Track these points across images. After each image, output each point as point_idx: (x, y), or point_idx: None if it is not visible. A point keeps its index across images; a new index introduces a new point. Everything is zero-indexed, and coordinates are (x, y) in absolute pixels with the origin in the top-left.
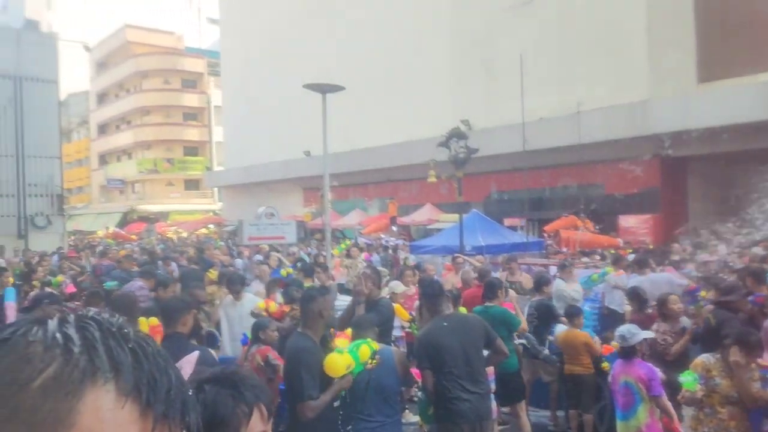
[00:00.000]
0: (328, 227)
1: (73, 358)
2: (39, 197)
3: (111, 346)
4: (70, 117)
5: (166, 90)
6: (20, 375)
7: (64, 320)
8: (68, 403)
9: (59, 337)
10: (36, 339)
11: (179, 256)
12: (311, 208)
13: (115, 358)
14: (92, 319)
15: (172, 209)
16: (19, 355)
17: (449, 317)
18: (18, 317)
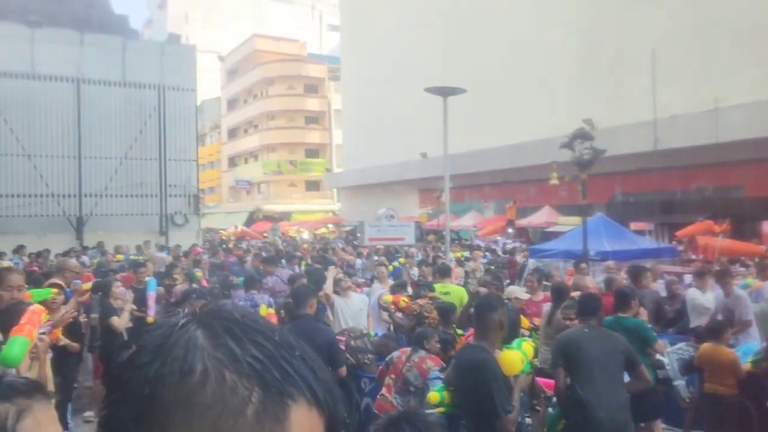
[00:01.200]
0: (447, 229)
1: (270, 381)
2: (178, 197)
3: (291, 362)
4: (204, 122)
5: (290, 95)
6: (231, 404)
7: (234, 335)
8: (280, 425)
9: (250, 361)
10: (228, 364)
11: (304, 254)
12: (427, 209)
13: (299, 373)
14: (256, 331)
15: (294, 209)
16: (221, 384)
17: (591, 326)
18: (167, 309)
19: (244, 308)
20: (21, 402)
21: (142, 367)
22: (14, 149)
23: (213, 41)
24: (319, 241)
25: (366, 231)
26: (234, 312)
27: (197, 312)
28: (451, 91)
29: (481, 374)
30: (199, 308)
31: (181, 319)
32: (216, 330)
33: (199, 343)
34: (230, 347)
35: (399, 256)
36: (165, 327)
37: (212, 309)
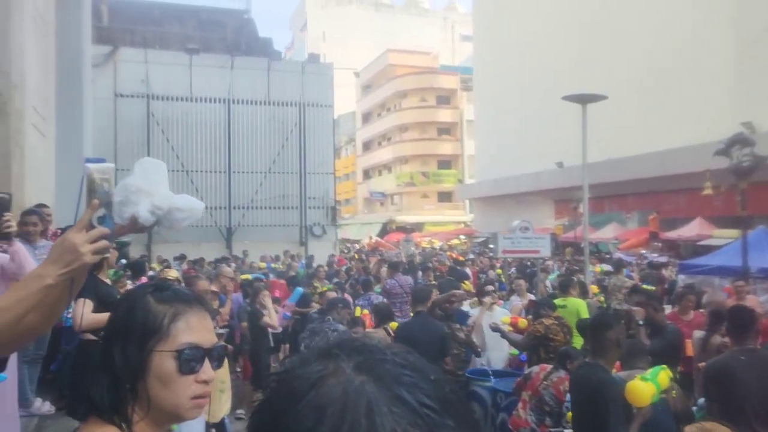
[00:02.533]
0: (586, 241)
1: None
2: (316, 209)
3: (454, 403)
4: (340, 135)
5: (423, 107)
6: None
7: (404, 383)
8: None
9: (427, 413)
10: (410, 419)
11: (438, 266)
12: (563, 221)
13: (464, 416)
14: (417, 371)
15: (426, 220)
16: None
17: (748, 352)
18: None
19: (387, 343)
20: (179, 306)
21: (321, 429)
22: (175, 165)
23: (349, 58)
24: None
25: (500, 243)
26: (385, 350)
27: (344, 349)
28: (590, 98)
29: (599, 395)
30: (345, 317)
31: (329, 362)
32: (385, 380)
33: (378, 398)
34: (407, 400)
35: (534, 269)
36: (318, 378)
37: (361, 346)
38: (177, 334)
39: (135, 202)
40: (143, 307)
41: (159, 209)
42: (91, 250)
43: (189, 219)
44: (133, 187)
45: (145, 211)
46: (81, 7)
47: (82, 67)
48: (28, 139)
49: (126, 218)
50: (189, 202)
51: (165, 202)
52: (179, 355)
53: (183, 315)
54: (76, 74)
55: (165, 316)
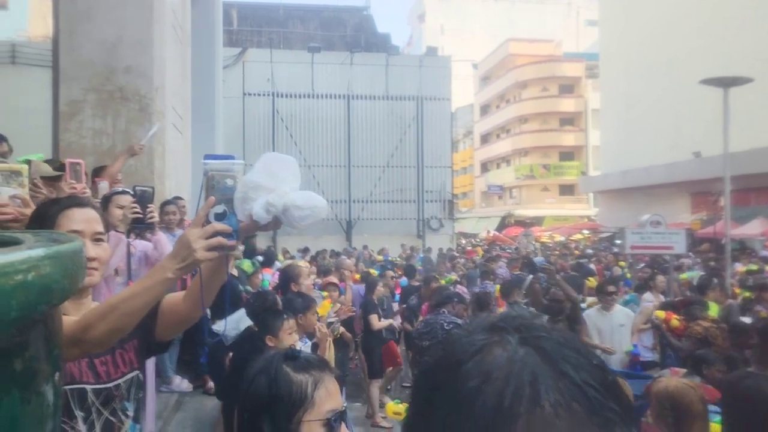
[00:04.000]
0: (728, 237)
1: (607, 413)
2: (433, 202)
3: (617, 392)
4: (457, 129)
5: (544, 97)
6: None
7: (569, 360)
8: None
9: (592, 393)
10: (576, 396)
11: (560, 262)
12: (701, 215)
13: (621, 404)
14: (579, 353)
15: (546, 214)
16: (572, 416)
17: None
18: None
19: (552, 325)
20: (316, 374)
21: (486, 391)
22: (298, 160)
23: (467, 50)
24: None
25: (627, 238)
26: (551, 330)
27: (509, 323)
28: (732, 81)
29: None
30: (461, 312)
31: (494, 334)
32: (550, 355)
33: (543, 370)
34: (572, 376)
35: (666, 266)
36: (484, 345)
37: (526, 323)
38: (321, 402)
39: (254, 199)
40: (285, 379)
41: (273, 206)
42: (204, 247)
43: (310, 217)
44: (251, 183)
45: (259, 209)
46: (214, 13)
47: (215, 69)
48: (168, 137)
49: (247, 215)
50: (310, 200)
51: (280, 200)
52: (327, 423)
53: (322, 382)
54: (209, 76)
55: (308, 386)
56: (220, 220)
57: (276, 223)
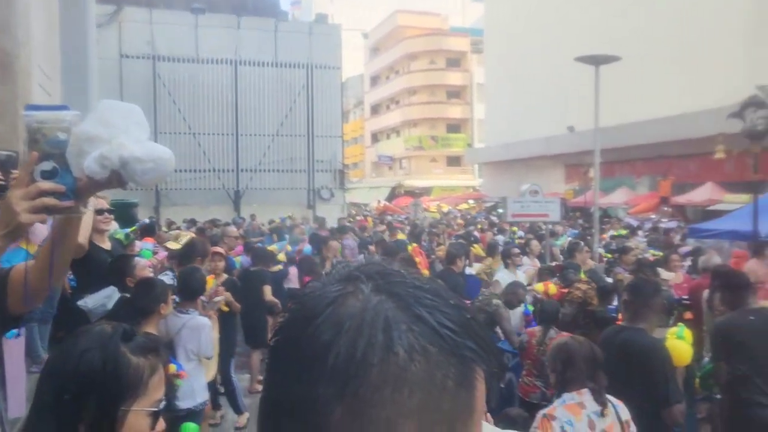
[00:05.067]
0: (596, 206)
1: (465, 352)
2: (324, 172)
3: (474, 329)
4: (348, 99)
5: (432, 70)
6: (437, 380)
7: (425, 304)
8: (471, 395)
9: (448, 333)
10: (430, 338)
11: (446, 230)
12: (573, 186)
13: (483, 339)
14: (437, 295)
15: (435, 184)
16: (428, 359)
17: (758, 312)
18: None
19: (409, 270)
20: (153, 359)
21: (339, 343)
22: (182, 128)
23: (357, 19)
24: (462, 217)
25: (509, 206)
26: (406, 275)
27: (364, 272)
28: (603, 59)
29: (650, 359)
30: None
31: (348, 284)
32: (405, 300)
33: (397, 316)
34: (426, 319)
35: (542, 232)
36: (338, 296)
37: (382, 270)
38: (152, 390)
39: (89, 153)
40: (123, 360)
41: (108, 160)
42: (27, 209)
43: (154, 171)
44: (84, 135)
45: (92, 162)
46: None
47: (87, 26)
48: (34, 99)
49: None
50: (153, 151)
51: (116, 152)
52: (155, 413)
53: (157, 369)
54: (80, 34)
55: (144, 371)
56: (50, 178)
57: (119, 179)
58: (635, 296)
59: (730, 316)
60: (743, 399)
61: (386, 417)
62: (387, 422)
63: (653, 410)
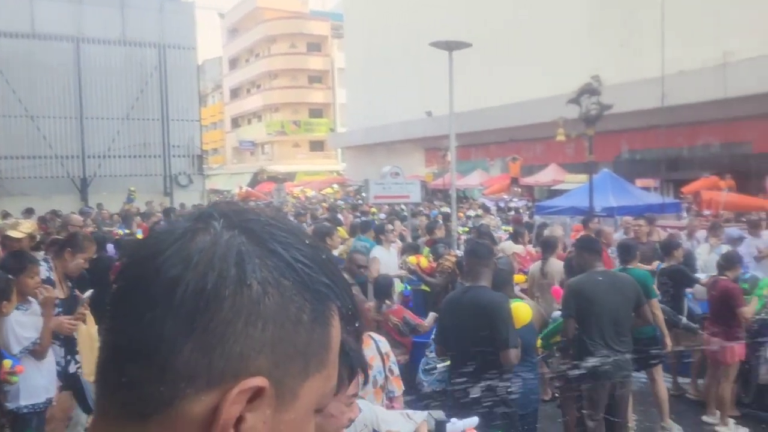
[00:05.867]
0: (453, 188)
1: (320, 287)
2: (181, 158)
3: (329, 266)
4: (205, 82)
5: (292, 54)
6: (291, 313)
7: (279, 239)
8: (327, 331)
9: (302, 268)
10: (284, 272)
11: (309, 214)
12: (432, 169)
13: (337, 276)
14: (292, 233)
15: (298, 170)
16: (282, 293)
17: (605, 273)
18: None
19: (265, 210)
20: None
21: (187, 278)
22: (17, 110)
23: None
24: (324, 201)
25: (371, 189)
26: (260, 213)
27: (217, 209)
28: (456, 45)
29: (495, 310)
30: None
31: (199, 221)
32: (258, 235)
33: (249, 249)
34: (280, 253)
35: (404, 213)
36: (186, 232)
37: (235, 207)
38: None
39: None
40: None
41: None
42: None
43: None
44: None
45: None
46: None
47: None
48: None
49: None
50: None
51: None
52: None
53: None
54: None
55: None
56: None
57: None
58: (472, 258)
59: (581, 276)
60: (591, 353)
61: (239, 352)
62: (240, 357)
63: (495, 354)
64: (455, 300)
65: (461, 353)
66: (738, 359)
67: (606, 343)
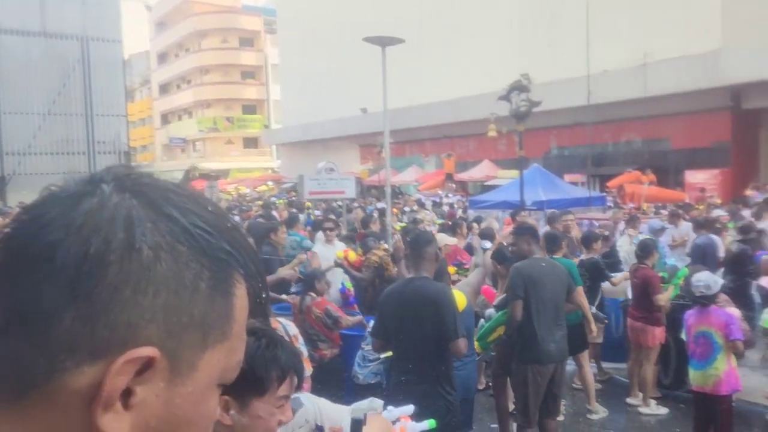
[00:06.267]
0: (388, 184)
1: (220, 255)
2: (107, 154)
3: (232, 233)
4: (132, 77)
5: (224, 49)
6: (186, 280)
7: (174, 204)
8: (228, 301)
9: (200, 233)
10: (179, 237)
11: (247, 212)
12: (368, 165)
13: (241, 245)
14: (190, 198)
15: (232, 167)
16: (175, 258)
17: (545, 260)
18: None
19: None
20: None
21: (69, 242)
22: None
23: None
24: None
25: (306, 184)
26: (158, 178)
27: (109, 172)
28: (389, 41)
29: (441, 301)
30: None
31: (87, 185)
32: (153, 199)
33: (141, 213)
34: (176, 218)
35: (341, 210)
36: (71, 195)
37: (129, 171)
38: None
39: None
40: None
41: None
42: None
43: None
44: None
45: None
46: None
47: None
48: None
49: None
50: None
51: None
52: None
53: None
54: None
55: None
56: None
57: None
58: (413, 248)
59: (527, 261)
60: (536, 337)
61: (126, 321)
62: (127, 326)
63: (442, 345)
64: (397, 291)
65: (405, 345)
66: (659, 342)
67: (549, 327)
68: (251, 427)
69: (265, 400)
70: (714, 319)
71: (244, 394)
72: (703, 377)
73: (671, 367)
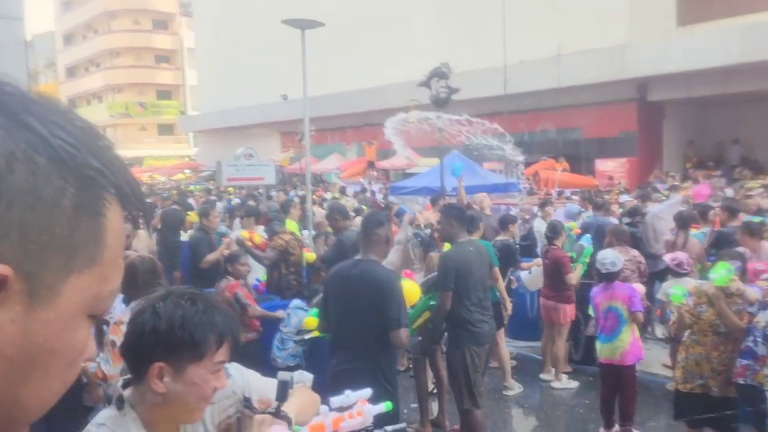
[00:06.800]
0: (308, 172)
1: (87, 170)
2: None
3: (103, 150)
4: (36, 59)
5: (136, 31)
6: (45, 195)
7: (36, 114)
8: (97, 221)
9: (62, 145)
10: (38, 147)
11: (162, 200)
12: (289, 153)
13: (113, 163)
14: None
15: (146, 154)
16: (33, 170)
17: (471, 243)
18: None
19: None
20: None
21: None
22: None
23: None
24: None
25: (224, 170)
26: (23, 89)
27: None
28: (308, 24)
29: (386, 286)
30: None
31: None
32: (10, 107)
33: None
34: (36, 128)
35: (261, 196)
36: None
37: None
38: None
39: None
40: None
41: None
42: None
43: None
44: None
45: None
46: None
47: None
48: None
49: None
50: None
51: None
52: None
53: None
54: None
55: None
56: None
57: None
58: (363, 230)
59: (455, 249)
60: (471, 320)
61: None
62: None
63: (384, 332)
64: (343, 273)
65: (345, 330)
66: (570, 319)
67: (480, 309)
68: (185, 393)
69: (201, 365)
70: (619, 294)
71: (180, 360)
72: (611, 349)
73: (581, 341)
